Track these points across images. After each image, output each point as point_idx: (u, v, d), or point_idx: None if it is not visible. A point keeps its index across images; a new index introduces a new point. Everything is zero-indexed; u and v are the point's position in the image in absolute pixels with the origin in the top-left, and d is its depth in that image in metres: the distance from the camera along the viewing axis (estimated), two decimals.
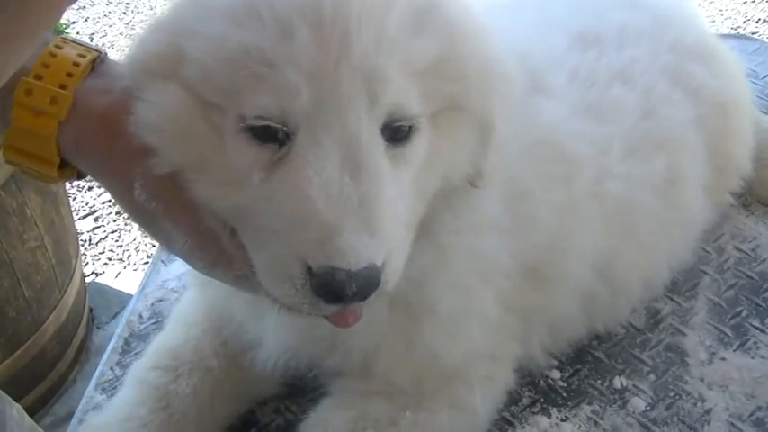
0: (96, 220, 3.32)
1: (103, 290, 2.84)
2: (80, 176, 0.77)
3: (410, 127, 0.71)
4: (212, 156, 0.70)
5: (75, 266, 2.58)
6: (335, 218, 0.65)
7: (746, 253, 1.26)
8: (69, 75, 0.74)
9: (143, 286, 1.26)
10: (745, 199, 1.35)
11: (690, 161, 1.15)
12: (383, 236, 0.67)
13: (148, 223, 0.77)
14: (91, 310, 2.67)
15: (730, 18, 4.15)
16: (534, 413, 1.04)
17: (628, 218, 1.07)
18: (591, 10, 1.23)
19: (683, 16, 1.30)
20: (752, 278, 1.21)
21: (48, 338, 2.42)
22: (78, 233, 2.80)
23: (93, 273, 3.00)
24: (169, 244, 0.78)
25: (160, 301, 1.22)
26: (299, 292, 0.67)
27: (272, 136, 0.68)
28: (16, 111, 0.72)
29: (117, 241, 3.18)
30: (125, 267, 3.03)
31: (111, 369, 1.11)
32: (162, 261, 1.29)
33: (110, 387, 1.09)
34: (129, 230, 3.16)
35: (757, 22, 4.04)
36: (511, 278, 0.97)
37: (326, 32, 0.67)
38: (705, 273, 1.22)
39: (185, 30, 0.70)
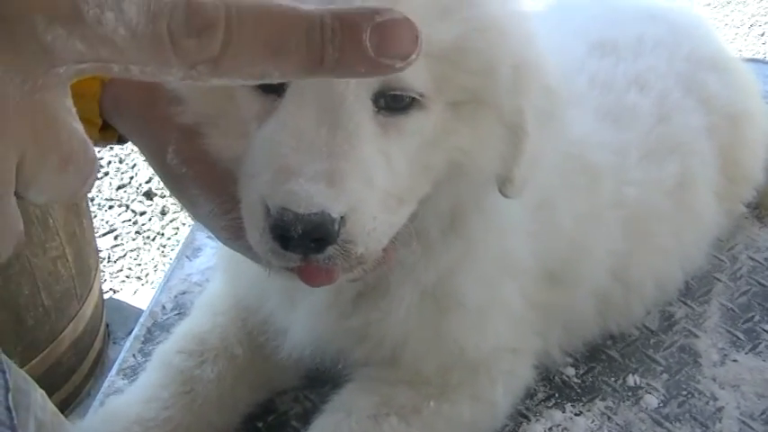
0: (116, 238, 3.36)
1: (121, 306, 2.86)
2: (120, 141, 0.80)
3: (412, 100, 0.72)
4: (227, 107, 0.73)
5: (95, 279, 2.61)
6: (297, 163, 0.66)
7: (760, 262, 1.28)
8: None
9: (167, 279, 1.29)
10: (759, 211, 1.37)
11: (701, 167, 1.18)
12: (344, 189, 0.67)
13: (178, 187, 0.80)
14: (107, 325, 2.69)
15: None
16: (549, 407, 1.06)
17: (642, 221, 1.09)
18: (609, 20, 1.27)
19: (699, 29, 1.34)
20: (764, 286, 1.23)
21: (64, 349, 2.44)
22: (98, 250, 2.84)
23: (110, 289, 3.03)
24: (195, 210, 0.80)
25: (183, 293, 1.25)
26: (263, 236, 0.69)
27: (272, 86, 0.70)
28: None
29: (136, 259, 3.22)
30: (143, 285, 3.06)
31: (134, 356, 1.14)
32: (186, 256, 1.33)
33: (131, 373, 1.11)
34: (148, 249, 3.20)
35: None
36: (533, 278, 1.00)
37: None
38: (718, 280, 1.24)
39: None
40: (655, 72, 1.19)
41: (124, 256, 3.24)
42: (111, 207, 3.81)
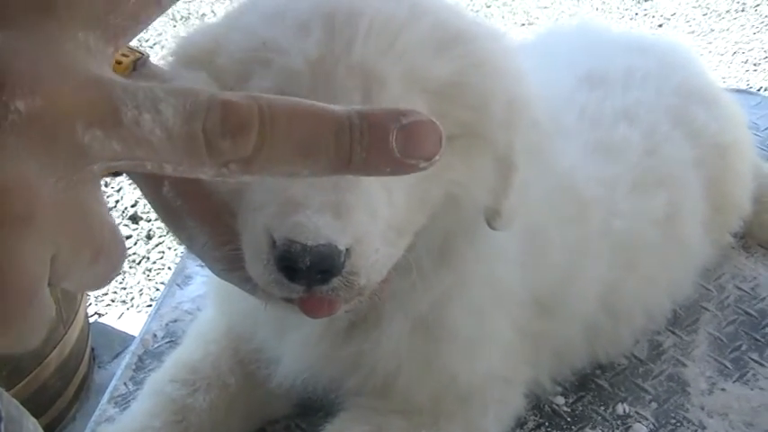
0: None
1: (106, 330, 2.85)
2: (116, 174, 0.81)
3: None
4: None
5: (80, 303, 2.60)
6: (303, 195, 0.68)
7: (746, 291, 1.29)
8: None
9: (158, 307, 1.29)
10: (746, 241, 1.39)
11: (688, 198, 1.19)
12: (350, 221, 0.68)
13: (173, 220, 0.80)
14: (93, 348, 2.68)
15: None
16: None
17: (630, 251, 1.11)
18: (598, 53, 1.29)
19: (688, 62, 1.36)
20: (751, 315, 1.25)
21: (50, 374, 2.42)
22: None
23: (96, 313, 3.02)
24: (190, 243, 0.81)
25: (175, 321, 1.25)
26: (266, 268, 0.69)
27: None
28: None
29: (121, 283, 3.20)
30: (128, 309, 3.05)
31: (125, 384, 1.14)
32: (177, 284, 1.33)
33: (122, 401, 1.11)
34: (134, 273, 3.19)
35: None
36: (523, 307, 1.00)
37: (336, 35, 0.72)
38: (706, 309, 1.26)
39: (228, 26, 0.78)
40: (643, 105, 1.21)
41: None
42: None
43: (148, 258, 3.27)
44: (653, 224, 1.13)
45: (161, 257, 3.26)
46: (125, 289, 3.14)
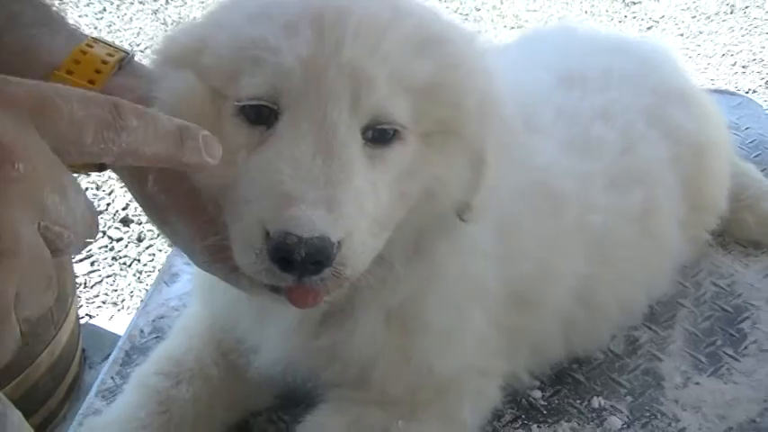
0: (92, 264, 3.36)
1: (97, 331, 2.87)
2: (101, 168, 0.83)
3: (394, 132, 0.78)
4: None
5: (71, 305, 2.61)
6: (298, 190, 0.71)
7: (723, 288, 1.32)
8: (98, 71, 0.81)
9: (145, 304, 1.31)
10: (724, 239, 1.42)
11: (665, 195, 1.22)
12: (341, 215, 0.72)
13: (157, 214, 0.83)
14: (84, 350, 2.70)
15: None
16: (516, 428, 1.09)
17: (606, 247, 1.13)
18: (578, 53, 1.32)
19: (666, 63, 1.39)
20: (727, 311, 1.27)
21: (41, 374, 2.44)
22: (75, 276, 2.84)
23: (86, 315, 3.04)
24: (175, 236, 0.84)
25: (161, 317, 1.27)
26: (258, 257, 0.72)
27: (261, 118, 0.76)
28: None
29: (112, 285, 3.22)
30: (119, 311, 3.07)
31: (112, 378, 1.16)
32: (164, 282, 1.35)
33: (110, 395, 1.13)
34: (125, 275, 3.21)
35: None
36: (498, 300, 1.03)
37: (325, 35, 0.75)
38: (682, 305, 1.28)
39: (213, 25, 0.81)
40: (620, 104, 1.23)
41: (100, 281, 3.25)
42: None
43: (139, 261, 3.29)
44: (629, 220, 1.16)
45: (151, 260, 3.29)
46: (116, 291, 3.16)
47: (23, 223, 0.51)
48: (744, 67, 4.24)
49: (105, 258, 3.36)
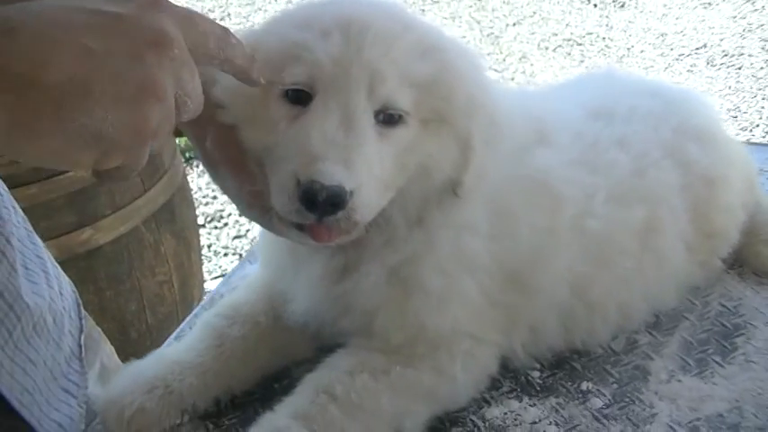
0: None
1: None
2: (179, 135, 1.11)
3: (400, 117, 1.04)
4: (259, 112, 1.05)
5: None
6: (323, 151, 0.98)
7: (728, 308, 1.45)
8: None
9: (229, 275, 1.59)
10: (742, 269, 1.55)
11: (670, 217, 1.36)
12: (354, 171, 0.98)
13: (212, 166, 1.10)
14: None
15: None
16: (510, 398, 1.27)
17: (605, 252, 1.29)
18: (611, 93, 1.48)
19: (694, 104, 1.53)
20: (726, 327, 1.41)
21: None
22: (206, 291, 3.17)
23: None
24: (224, 184, 1.11)
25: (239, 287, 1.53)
26: (290, 200, 0.98)
27: (299, 100, 1.03)
28: None
29: None
30: None
31: (190, 328, 1.42)
32: (248, 261, 1.62)
33: (184, 337, 1.40)
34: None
35: None
36: (494, 278, 1.21)
37: (351, 40, 1.02)
38: (687, 318, 1.43)
39: (266, 32, 1.09)
40: (639, 136, 1.38)
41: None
42: (225, 254, 4.21)
43: None
44: (630, 232, 1.31)
45: None
46: None
47: (170, 86, 0.75)
48: None
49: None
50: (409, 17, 1.12)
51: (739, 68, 5.83)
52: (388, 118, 1.04)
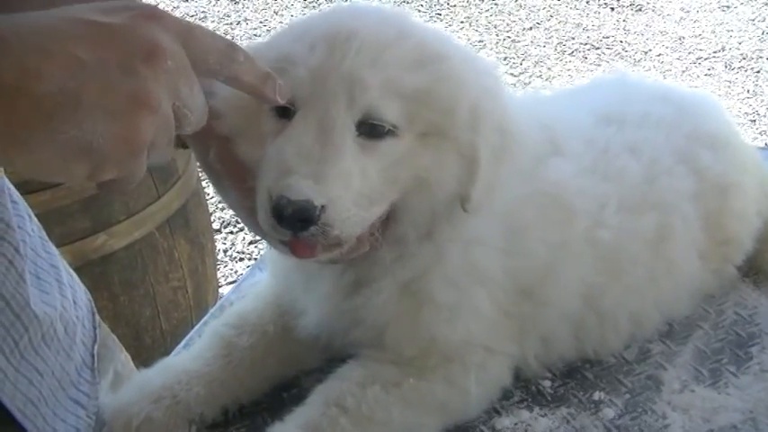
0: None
1: None
2: (184, 146, 1.10)
3: (388, 130, 1.01)
4: (253, 123, 1.04)
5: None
6: (295, 165, 0.96)
7: (743, 317, 1.43)
8: None
9: (240, 283, 1.59)
10: (758, 277, 1.53)
11: (682, 225, 1.34)
12: (325, 185, 0.96)
13: (215, 179, 1.09)
14: None
15: None
16: (520, 408, 1.26)
17: (616, 261, 1.28)
18: (622, 98, 1.47)
19: (706, 109, 1.51)
20: (741, 336, 1.39)
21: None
22: (218, 288, 3.18)
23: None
24: (226, 197, 1.10)
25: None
26: (267, 215, 0.98)
27: (286, 114, 1.02)
28: None
29: None
30: None
31: (199, 336, 1.42)
32: (259, 268, 1.62)
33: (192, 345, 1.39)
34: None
35: None
36: (506, 291, 1.20)
37: (335, 50, 1.00)
38: (700, 327, 1.41)
39: (266, 45, 1.09)
40: (651, 142, 1.36)
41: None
42: (241, 259, 4.23)
43: None
44: (641, 241, 1.30)
45: None
46: None
47: (165, 97, 0.74)
48: None
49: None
50: (408, 25, 1.09)
51: (758, 72, 5.77)
52: (372, 130, 1.01)
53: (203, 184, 3.08)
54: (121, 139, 0.71)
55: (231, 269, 4.17)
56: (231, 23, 6.74)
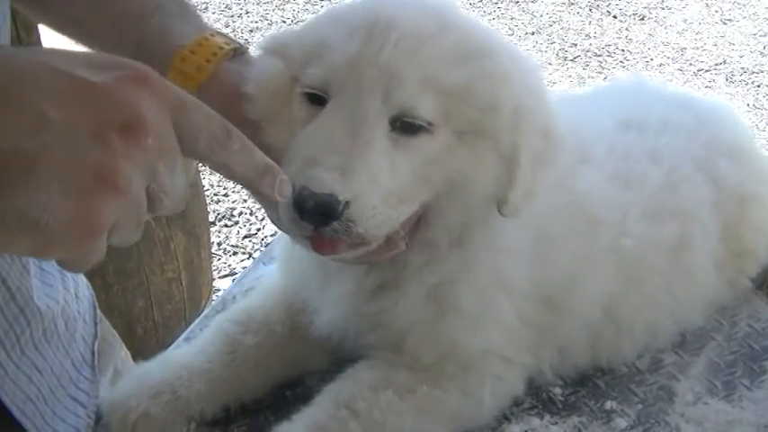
0: (234, 281, 3.69)
1: None
2: None
3: (423, 126, 0.96)
4: (283, 109, 1.00)
5: (205, 306, 2.90)
6: (322, 156, 0.92)
7: (757, 330, 1.41)
8: (214, 54, 1.05)
9: (242, 276, 1.55)
10: None
11: (701, 235, 1.32)
12: (352, 180, 0.91)
13: None
14: None
15: None
16: (531, 415, 1.23)
17: (636, 269, 1.25)
18: (641, 103, 1.45)
19: (724, 117, 1.49)
20: (754, 349, 1.36)
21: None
22: (212, 281, 3.14)
23: None
24: None
25: (252, 289, 1.48)
26: (288, 207, 0.92)
27: (318, 100, 0.98)
28: (171, 73, 1.03)
29: None
30: None
31: (200, 329, 1.38)
32: (262, 262, 1.58)
33: (193, 340, 1.35)
34: None
35: None
36: (528, 299, 1.17)
37: (373, 39, 0.96)
38: (714, 338, 1.38)
39: (303, 29, 1.05)
40: (671, 149, 1.34)
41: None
42: (235, 253, 4.19)
43: None
44: (661, 250, 1.27)
45: None
46: None
47: (137, 178, 0.64)
48: None
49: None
50: (452, 16, 1.03)
51: (758, 86, 5.76)
52: (406, 126, 0.96)
53: (200, 176, 3.05)
54: (76, 219, 0.61)
55: (225, 263, 4.13)
56: (233, 16, 6.69)
